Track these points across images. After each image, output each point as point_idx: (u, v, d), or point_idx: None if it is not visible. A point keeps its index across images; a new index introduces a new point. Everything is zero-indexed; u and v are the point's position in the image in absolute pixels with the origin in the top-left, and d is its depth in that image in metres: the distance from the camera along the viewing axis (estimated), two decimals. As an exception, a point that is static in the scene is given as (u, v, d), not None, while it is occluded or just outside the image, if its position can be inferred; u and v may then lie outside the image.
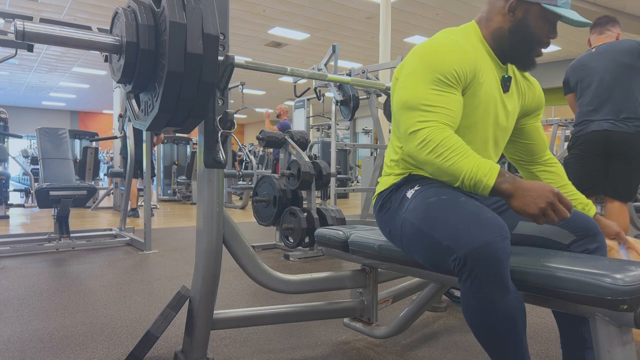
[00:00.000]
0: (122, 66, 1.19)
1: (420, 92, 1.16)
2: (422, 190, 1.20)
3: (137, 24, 1.15)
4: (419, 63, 1.20)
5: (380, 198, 1.36)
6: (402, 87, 1.22)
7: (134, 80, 1.21)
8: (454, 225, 1.04)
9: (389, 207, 1.30)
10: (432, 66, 1.17)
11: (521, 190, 1.02)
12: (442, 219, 1.08)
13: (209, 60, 1.15)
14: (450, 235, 1.04)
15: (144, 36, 1.14)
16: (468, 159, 1.08)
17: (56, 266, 3.19)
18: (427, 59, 1.19)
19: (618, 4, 8.26)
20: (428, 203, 1.15)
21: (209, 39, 1.14)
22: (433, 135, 1.12)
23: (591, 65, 2.67)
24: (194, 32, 1.12)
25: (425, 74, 1.17)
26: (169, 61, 1.09)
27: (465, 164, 1.08)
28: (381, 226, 1.37)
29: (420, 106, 1.15)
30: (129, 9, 1.20)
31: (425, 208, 1.15)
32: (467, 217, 1.04)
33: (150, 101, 1.21)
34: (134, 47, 1.15)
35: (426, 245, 1.12)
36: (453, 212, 1.08)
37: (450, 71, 1.16)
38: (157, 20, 1.16)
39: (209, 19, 1.15)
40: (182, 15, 1.11)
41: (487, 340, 1.04)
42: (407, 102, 1.18)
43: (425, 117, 1.14)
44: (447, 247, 1.03)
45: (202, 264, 1.44)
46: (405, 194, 1.24)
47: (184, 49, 1.11)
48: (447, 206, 1.11)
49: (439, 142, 1.10)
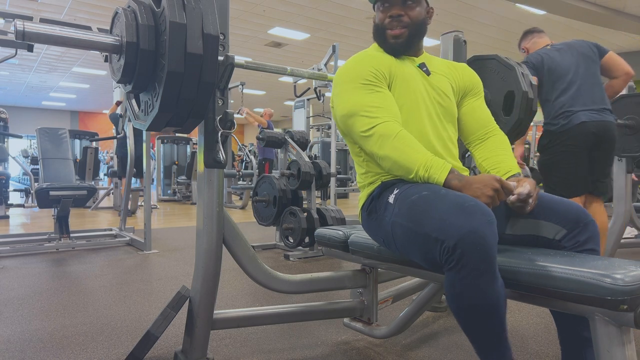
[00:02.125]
0: (122, 66, 1.19)
1: (356, 99, 1.30)
2: (402, 192, 1.23)
3: (137, 24, 1.15)
4: (343, 81, 1.35)
5: (364, 211, 1.40)
6: (339, 104, 1.35)
7: (134, 80, 1.21)
8: (439, 216, 1.06)
9: (375, 217, 1.33)
10: (353, 77, 1.33)
11: (468, 184, 1.12)
12: (427, 213, 1.10)
13: (209, 60, 1.15)
14: (438, 226, 1.05)
15: (144, 36, 1.14)
16: (421, 153, 1.20)
17: (56, 266, 3.19)
18: (347, 74, 1.35)
19: (618, 4, 8.25)
20: (411, 202, 1.17)
21: (209, 39, 1.14)
22: (386, 131, 1.23)
23: (558, 59, 2.55)
24: (194, 32, 1.12)
25: (352, 84, 1.32)
26: (169, 61, 1.09)
27: (419, 158, 1.19)
28: (373, 236, 1.40)
29: (361, 111, 1.28)
30: (129, 9, 1.20)
31: (409, 207, 1.17)
32: (452, 206, 1.05)
33: (150, 101, 1.21)
34: (134, 47, 1.15)
35: (418, 242, 1.12)
36: (437, 205, 1.09)
37: (369, 74, 1.31)
38: (157, 20, 1.16)
39: (209, 18, 1.15)
40: (182, 15, 1.11)
41: (473, 327, 1.06)
42: (349, 111, 1.30)
43: (372, 115, 1.26)
44: (436, 238, 1.04)
45: (202, 264, 1.44)
46: (387, 200, 1.27)
47: (184, 49, 1.11)
48: (429, 200, 1.12)
49: (394, 136, 1.22)
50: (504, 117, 1.97)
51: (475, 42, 10.36)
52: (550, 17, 8.69)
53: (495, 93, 2.00)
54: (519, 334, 1.91)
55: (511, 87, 1.94)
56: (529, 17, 8.89)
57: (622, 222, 3.13)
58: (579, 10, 7.97)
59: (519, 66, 1.97)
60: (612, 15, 8.44)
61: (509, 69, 1.95)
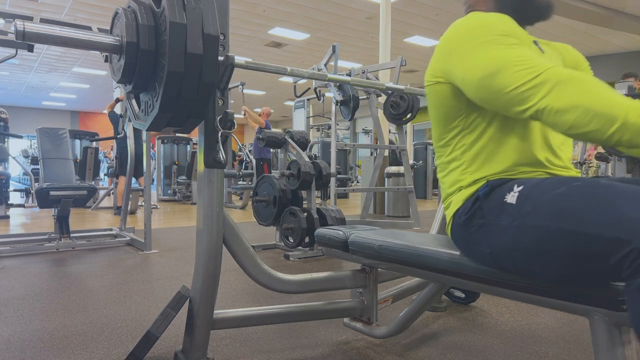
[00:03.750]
0: (122, 66, 1.19)
1: (497, 54, 0.97)
2: (533, 187, 0.96)
3: (138, 24, 1.15)
4: (468, 39, 1.03)
5: (457, 218, 1.13)
6: (468, 68, 1.02)
7: (134, 80, 1.22)
8: (618, 210, 0.79)
9: (481, 224, 1.05)
10: (486, 32, 1.01)
11: None
12: (593, 207, 0.83)
13: (209, 60, 1.15)
14: (617, 222, 0.78)
15: (144, 36, 1.14)
16: (621, 96, 0.83)
17: (56, 266, 3.19)
18: (474, 31, 1.03)
19: (618, 4, 8.25)
20: (558, 195, 0.89)
21: (209, 39, 1.14)
22: (561, 76, 0.87)
23: None
24: (194, 32, 1.12)
25: (484, 39, 1.00)
26: (169, 61, 1.10)
27: (622, 100, 0.82)
28: (470, 249, 1.10)
29: (512, 63, 0.94)
30: (129, 9, 1.20)
31: (555, 202, 0.89)
32: (636, 198, 0.80)
33: (151, 101, 1.22)
34: (134, 47, 1.15)
35: (570, 247, 0.85)
36: (607, 196, 0.83)
37: (509, 29, 1.02)
38: (157, 20, 1.16)
39: (209, 18, 1.15)
40: (183, 15, 1.11)
41: None
42: (493, 69, 0.96)
43: (530, 65, 0.92)
44: (615, 239, 0.78)
45: (202, 264, 1.44)
46: (504, 201, 1.00)
47: (184, 49, 1.11)
48: (592, 192, 0.85)
49: (575, 78, 0.86)
50: None
51: (475, 42, 10.35)
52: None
53: None
54: (519, 334, 1.91)
55: None
56: (529, 17, 8.88)
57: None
58: (579, 10, 7.98)
59: None
60: (612, 15, 8.45)
61: None
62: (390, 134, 7.25)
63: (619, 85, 3.71)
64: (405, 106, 5.17)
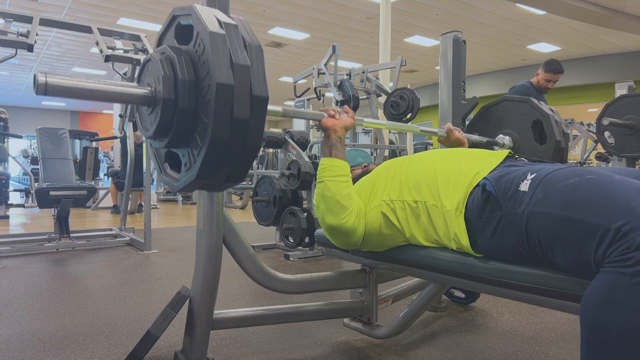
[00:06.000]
0: (157, 124, 1.05)
1: None
2: (547, 175, 0.99)
3: (177, 79, 1.02)
4: None
5: (472, 212, 1.12)
6: None
7: (168, 138, 1.08)
8: (620, 199, 0.85)
9: (500, 216, 1.06)
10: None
11: None
12: (599, 196, 0.88)
13: (255, 124, 1.01)
14: (616, 207, 0.84)
15: (183, 94, 1.01)
16: None
17: (56, 266, 3.19)
18: None
19: (618, 4, 8.25)
20: (569, 185, 0.93)
21: (258, 101, 1.00)
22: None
23: None
24: (242, 95, 0.98)
25: None
26: (213, 126, 0.96)
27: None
28: (500, 244, 1.08)
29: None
30: (164, 56, 1.05)
31: (566, 191, 0.93)
32: (637, 189, 0.86)
33: (188, 161, 1.07)
34: (171, 104, 1.02)
35: (576, 234, 0.89)
36: (612, 186, 0.89)
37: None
38: (198, 74, 1.02)
39: (258, 78, 1.01)
40: (230, 75, 0.96)
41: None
42: None
43: None
44: (600, 225, 0.84)
45: (202, 264, 1.44)
46: (518, 189, 1.02)
47: (231, 114, 0.97)
48: (600, 183, 0.91)
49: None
50: (539, 147, 1.84)
51: (475, 42, 10.36)
52: (550, 17, 8.69)
53: (521, 132, 1.90)
54: (519, 334, 1.91)
55: (535, 117, 1.85)
56: (529, 17, 8.89)
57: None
58: (579, 10, 7.98)
59: (551, 112, 1.85)
60: (612, 15, 8.44)
61: (539, 112, 1.84)
62: (390, 133, 7.25)
63: (619, 85, 3.71)
64: (406, 106, 5.15)
